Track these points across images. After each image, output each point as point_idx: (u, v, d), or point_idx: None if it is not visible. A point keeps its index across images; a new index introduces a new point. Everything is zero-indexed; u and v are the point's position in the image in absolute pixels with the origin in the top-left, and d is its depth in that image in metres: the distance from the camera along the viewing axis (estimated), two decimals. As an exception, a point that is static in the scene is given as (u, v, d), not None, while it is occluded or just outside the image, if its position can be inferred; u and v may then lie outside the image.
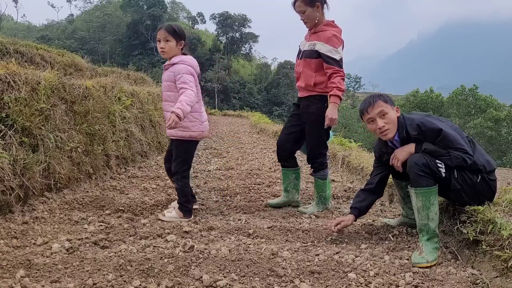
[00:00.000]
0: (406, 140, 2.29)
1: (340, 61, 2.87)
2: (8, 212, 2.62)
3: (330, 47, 2.85)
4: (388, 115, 2.28)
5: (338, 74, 2.84)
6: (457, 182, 2.20)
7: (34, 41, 12.16)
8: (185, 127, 2.79)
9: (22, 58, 6.35)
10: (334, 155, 5.33)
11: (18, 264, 1.95)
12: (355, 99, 59.07)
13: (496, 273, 1.86)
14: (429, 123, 2.21)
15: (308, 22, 2.97)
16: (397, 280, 1.89)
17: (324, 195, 3.22)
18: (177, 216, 2.83)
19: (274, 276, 1.91)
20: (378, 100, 2.29)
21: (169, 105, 2.79)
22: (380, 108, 2.28)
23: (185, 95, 2.64)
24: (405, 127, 2.27)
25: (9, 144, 2.65)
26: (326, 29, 2.92)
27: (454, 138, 2.17)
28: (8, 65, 2.96)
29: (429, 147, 2.21)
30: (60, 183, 3.21)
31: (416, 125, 2.23)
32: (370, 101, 2.31)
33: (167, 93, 2.82)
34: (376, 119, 2.29)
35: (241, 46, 55.84)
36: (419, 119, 2.25)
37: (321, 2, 2.91)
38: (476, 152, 2.25)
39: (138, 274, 1.89)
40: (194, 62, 2.82)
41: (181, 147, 2.86)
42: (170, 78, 2.77)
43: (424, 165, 2.15)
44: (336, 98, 2.85)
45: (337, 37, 2.89)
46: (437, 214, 2.20)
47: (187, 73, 2.72)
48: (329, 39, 2.86)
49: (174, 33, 2.76)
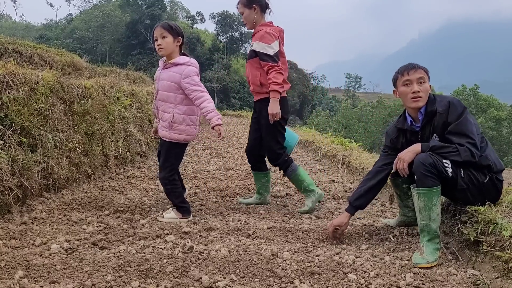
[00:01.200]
0: (430, 116, 2.27)
1: (275, 56, 2.93)
2: (6, 213, 2.61)
3: (263, 44, 2.93)
4: (425, 84, 2.32)
5: (273, 68, 2.91)
6: (464, 182, 2.18)
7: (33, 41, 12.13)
8: (182, 130, 2.76)
9: (21, 58, 6.33)
10: (335, 155, 5.32)
11: (17, 264, 1.94)
12: (355, 99, 59.10)
13: (497, 274, 1.85)
14: (458, 104, 2.23)
15: (247, 23, 3.10)
16: (397, 281, 1.88)
17: (306, 185, 3.20)
18: (176, 217, 2.81)
19: (274, 277, 1.90)
20: (420, 68, 2.33)
21: (167, 106, 2.75)
22: (421, 74, 2.31)
23: (208, 102, 2.66)
24: (435, 103, 2.27)
25: (7, 144, 2.64)
26: (260, 29, 3.01)
27: (471, 128, 2.17)
28: (7, 64, 2.95)
29: (436, 143, 2.19)
30: (58, 184, 3.20)
31: (447, 102, 2.23)
32: (414, 65, 2.35)
33: (167, 93, 2.74)
34: (413, 83, 2.31)
35: (240, 46, 55.82)
36: (451, 98, 2.28)
37: (259, 4, 3.03)
38: (487, 149, 2.24)
39: (137, 275, 1.88)
40: (197, 64, 2.81)
41: (173, 150, 2.81)
42: (173, 79, 2.70)
43: (431, 165, 2.12)
44: (274, 93, 2.92)
45: (269, 33, 2.95)
46: (439, 215, 2.18)
47: (195, 75, 2.70)
48: (262, 37, 2.95)
49: (171, 29, 2.71)
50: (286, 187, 4.09)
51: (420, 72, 2.31)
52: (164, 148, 2.83)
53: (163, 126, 2.79)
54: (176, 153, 2.83)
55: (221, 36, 54.18)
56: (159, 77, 2.79)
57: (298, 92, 53.65)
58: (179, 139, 2.77)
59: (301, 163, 5.75)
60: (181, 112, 2.73)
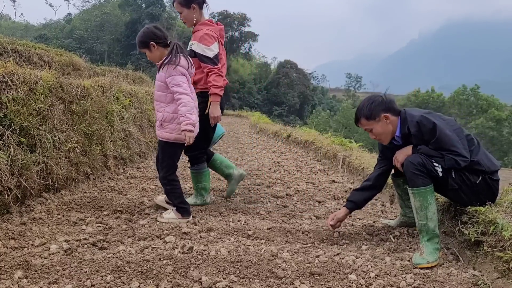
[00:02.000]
0: (407, 136, 2.29)
1: (214, 58, 2.97)
2: (5, 213, 2.61)
3: (203, 46, 2.95)
4: (374, 130, 2.35)
5: (213, 72, 2.95)
6: (455, 182, 2.20)
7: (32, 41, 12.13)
8: (172, 129, 2.74)
9: (20, 58, 6.31)
10: (335, 156, 5.32)
11: (16, 265, 1.94)
12: (355, 99, 59.11)
13: (497, 274, 1.85)
14: (427, 122, 2.21)
15: (187, 22, 3.11)
16: (398, 282, 1.88)
17: (201, 186, 3.23)
18: (176, 217, 2.80)
19: (274, 278, 1.89)
20: (360, 118, 2.37)
21: (159, 105, 2.78)
22: (364, 126, 2.39)
23: (183, 105, 2.63)
24: (407, 124, 2.28)
25: (6, 144, 2.63)
26: (200, 28, 3.02)
27: (449, 140, 2.17)
28: (6, 64, 2.94)
29: (424, 149, 2.23)
30: (58, 184, 3.19)
31: (416, 122, 2.24)
32: (356, 117, 2.40)
33: (158, 93, 2.78)
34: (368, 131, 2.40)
35: (240, 45, 55.80)
36: (418, 117, 2.26)
37: (197, 2, 3.03)
38: (480, 152, 2.24)
39: (137, 276, 1.87)
40: (185, 62, 2.72)
41: (167, 150, 2.82)
42: (162, 79, 2.73)
43: (419, 164, 2.17)
44: (215, 96, 2.97)
45: (209, 35, 2.97)
46: (436, 213, 2.19)
47: (178, 74, 2.67)
48: (201, 38, 2.96)
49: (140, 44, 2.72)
50: (286, 187, 4.09)
51: (362, 123, 2.37)
52: (160, 148, 2.87)
53: (157, 126, 2.83)
54: (169, 153, 2.82)
55: (221, 36, 54.13)
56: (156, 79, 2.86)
57: (298, 92, 53.66)
58: (169, 138, 2.76)
59: (301, 163, 5.75)
60: (170, 111, 2.73)
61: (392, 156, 2.42)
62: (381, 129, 2.33)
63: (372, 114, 2.31)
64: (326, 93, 70.06)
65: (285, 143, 8.25)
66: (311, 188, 4.05)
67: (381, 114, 2.30)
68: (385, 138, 2.37)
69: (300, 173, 4.96)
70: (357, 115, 2.38)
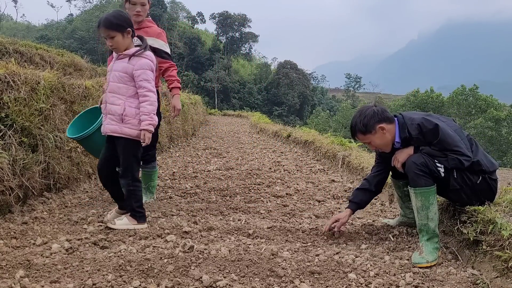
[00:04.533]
0: (408, 139, 2.29)
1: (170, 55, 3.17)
2: (7, 212, 2.62)
3: (161, 41, 3.07)
4: (372, 142, 2.35)
5: (173, 67, 3.14)
6: (456, 182, 2.20)
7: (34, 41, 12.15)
8: (134, 124, 2.52)
9: (22, 58, 6.34)
10: (334, 155, 5.33)
11: (18, 264, 1.95)
12: (355, 99, 59.12)
13: (496, 273, 1.86)
14: (428, 124, 2.21)
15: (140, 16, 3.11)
16: (397, 281, 1.89)
17: (153, 184, 3.39)
18: (130, 223, 2.56)
19: (274, 277, 1.91)
20: (357, 134, 2.36)
21: (117, 98, 2.53)
22: (362, 141, 2.39)
23: (150, 104, 2.49)
24: (406, 128, 2.27)
25: (8, 144, 2.65)
26: (151, 25, 3.13)
27: (452, 140, 2.17)
28: (8, 65, 2.95)
29: (426, 149, 2.22)
30: (59, 183, 3.21)
31: (417, 125, 2.23)
32: (352, 132, 2.40)
33: (118, 85, 2.54)
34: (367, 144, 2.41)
35: (241, 46, 55.86)
36: (419, 119, 2.25)
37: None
38: (479, 152, 2.25)
39: (138, 275, 1.88)
40: (153, 58, 2.60)
41: (130, 147, 2.56)
42: (127, 70, 2.51)
43: (422, 165, 2.16)
44: (178, 90, 3.18)
45: (164, 33, 3.18)
46: (437, 214, 2.20)
47: (149, 69, 2.52)
48: (159, 34, 3.09)
49: (115, 26, 2.44)
50: (286, 187, 4.10)
51: (359, 138, 2.38)
52: (119, 147, 2.58)
53: (112, 120, 2.54)
54: (132, 150, 2.58)
55: (221, 37, 54.20)
56: (111, 69, 2.59)
57: (298, 92, 53.66)
58: (132, 134, 2.53)
59: (301, 162, 5.76)
60: (133, 105, 2.53)
61: (390, 158, 2.42)
62: (379, 140, 2.31)
63: (367, 128, 2.29)
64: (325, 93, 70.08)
65: (285, 143, 8.26)
66: (311, 188, 4.06)
67: (376, 126, 2.27)
68: (386, 147, 2.36)
69: (300, 172, 4.97)
70: (352, 130, 2.37)
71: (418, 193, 2.17)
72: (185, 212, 3.02)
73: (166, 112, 7.08)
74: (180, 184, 4.11)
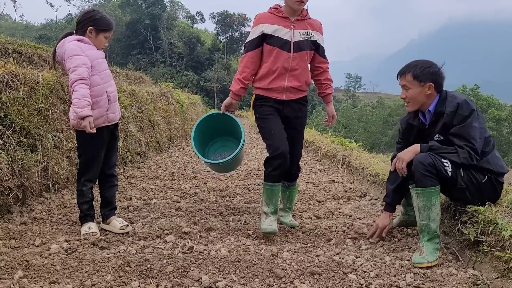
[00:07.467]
0: (438, 116, 2.24)
1: None
2: (6, 213, 2.61)
3: (323, 38, 2.59)
4: (410, 91, 2.28)
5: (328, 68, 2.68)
6: (463, 181, 2.18)
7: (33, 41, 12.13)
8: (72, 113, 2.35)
9: (21, 58, 6.31)
10: (335, 155, 5.32)
11: (17, 265, 1.94)
12: (355, 99, 59.09)
13: (497, 274, 1.85)
14: (467, 107, 2.17)
15: None
16: (397, 281, 1.88)
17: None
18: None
19: (274, 277, 1.90)
20: (407, 73, 2.28)
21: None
22: (404, 82, 2.30)
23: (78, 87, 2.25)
24: (445, 104, 2.22)
25: (7, 144, 2.64)
26: (310, 17, 2.54)
27: (473, 133, 2.14)
28: (7, 64, 2.94)
29: (435, 144, 2.19)
30: (58, 184, 3.20)
31: (457, 103, 2.18)
32: (400, 71, 2.32)
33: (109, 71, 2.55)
34: (402, 89, 2.33)
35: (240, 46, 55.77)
36: (461, 99, 2.20)
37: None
38: (492, 153, 2.24)
39: (137, 275, 1.87)
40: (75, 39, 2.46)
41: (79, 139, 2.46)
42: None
43: (430, 165, 2.13)
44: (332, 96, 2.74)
45: None
46: (439, 214, 2.18)
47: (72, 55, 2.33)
48: (321, 28, 2.56)
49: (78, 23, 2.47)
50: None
51: (403, 79, 2.30)
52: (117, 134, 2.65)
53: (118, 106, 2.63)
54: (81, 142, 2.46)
55: (221, 36, 54.14)
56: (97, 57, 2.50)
57: (298, 92, 53.53)
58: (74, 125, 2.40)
59: (301, 163, 5.75)
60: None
61: (414, 138, 2.37)
62: (418, 94, 2.26)
63: (421, 76, 2.25)
64: (326, 93, 69.77)
65: (285, 143, 8.24)
66: (311, 188, 4.05)
67: (428, 82, 2.24)
68: (414, 105, 2.30)
69: (300, 172, 4.96)
70: (405, 69, 2.30)
71: (421, 193, 2.15)
72: (184, 212, 3.01)
73: (165, 112, 7.07)
74: (179, 184, 4.11)
